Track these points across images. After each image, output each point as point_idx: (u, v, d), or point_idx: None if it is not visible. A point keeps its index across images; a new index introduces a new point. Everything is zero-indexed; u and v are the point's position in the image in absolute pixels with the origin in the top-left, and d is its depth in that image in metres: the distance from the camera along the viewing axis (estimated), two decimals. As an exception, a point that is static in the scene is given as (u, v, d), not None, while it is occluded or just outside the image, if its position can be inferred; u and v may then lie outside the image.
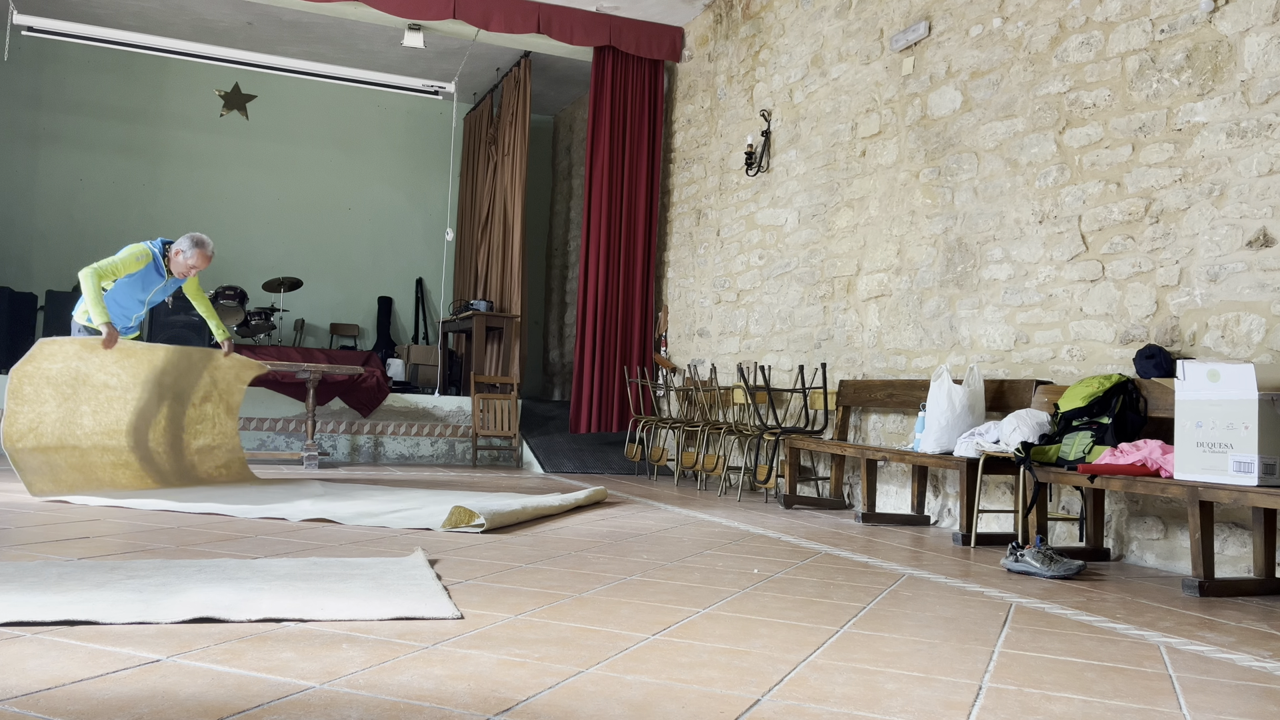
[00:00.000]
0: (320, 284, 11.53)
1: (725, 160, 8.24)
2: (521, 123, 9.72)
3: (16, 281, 10.18)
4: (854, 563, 3.94)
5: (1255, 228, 3.94)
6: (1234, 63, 4.08)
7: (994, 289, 5.27)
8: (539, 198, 12.50)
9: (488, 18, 8.37)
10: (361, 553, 3.64)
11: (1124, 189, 4.55)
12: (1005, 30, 5.33)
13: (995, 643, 2.62)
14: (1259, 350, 3.89)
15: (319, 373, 7.60)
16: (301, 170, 11.65)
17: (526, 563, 3.57)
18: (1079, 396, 4.24)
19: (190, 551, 3.52)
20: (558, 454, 8.61)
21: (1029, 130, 5.11)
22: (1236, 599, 3.45)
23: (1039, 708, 2.04)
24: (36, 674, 1.97)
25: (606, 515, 5.24)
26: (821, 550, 4.26)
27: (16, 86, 10.53)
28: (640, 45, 8.93)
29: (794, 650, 2.43)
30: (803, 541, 4.52)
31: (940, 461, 4.78)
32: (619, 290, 8.95)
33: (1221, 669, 2.46)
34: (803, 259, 7.01)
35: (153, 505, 4.70)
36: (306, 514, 4.54)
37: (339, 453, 8.50)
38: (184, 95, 11.22)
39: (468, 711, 1.84)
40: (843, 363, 6.48)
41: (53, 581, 2.80)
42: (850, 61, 6.65)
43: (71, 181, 10.75)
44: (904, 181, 6.03)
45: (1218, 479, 3.52)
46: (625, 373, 8.83)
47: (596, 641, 2.42)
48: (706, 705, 1.95)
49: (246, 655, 2.16)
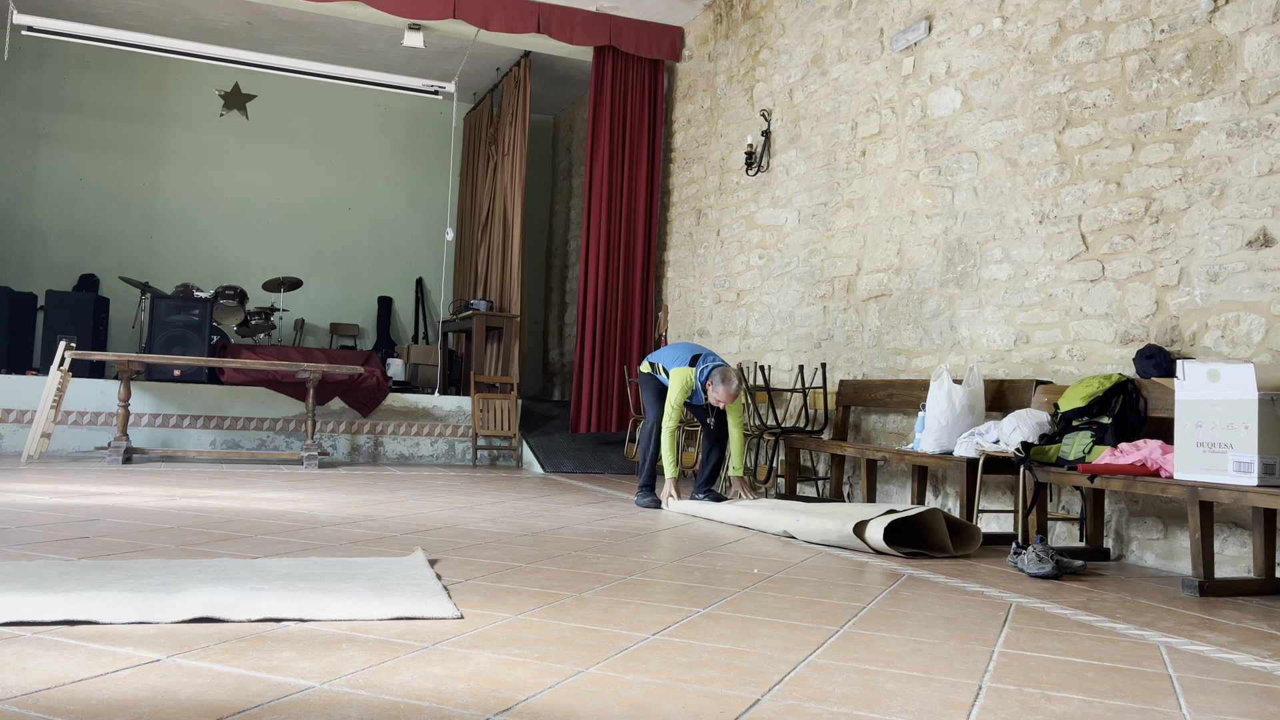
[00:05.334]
0: (320, 284, 11.53)
1: (725, 160, 8.24)
2: (521, 123, 9.72)
3: (16, 281, 10.18)
4: (854, 562, 3.94)
5: (1255, 228, 3.94)
6: (1234, 63, 4.08)
7: (994, 289, 5.27)
8: (539, 198, 12.49)
9: (488, 18, 8.37)
10: (361, 553, 3.64)
11: (1124, 189, 4.55)
12: (1005, 30, 5.33)
13: (995, 643, 2.62)
14: (1259, 350, 3.89)
15: (319, 373, 7.60)
16: (301, 170, 11.64)
17: (526, 563, 3.57)
18: (1079, 396, 4.24)
19: (190, 551, 3.52)
20: (558, 454, 8.61)
21: (1029, 130, 5.11)
22: (1236, 599, 3.45)
23: (1039, 708, 2.04)
24: (36, 674, 1.97)
25: (606, 515, 5.24)
26: (821, 550, 4.26)
27: (16, 86, 10.53)
28: (640, 45, 8.92)
29: (794, 650, 2.43)
30: (802, 541, 4.52)
31: (940, 461, 4.78)
32: (619, 290, 8.95)
33: (1221, 669, 2.46)
34: (803, 259, 7.01)
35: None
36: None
37: (339, 452, 8.50)
38: (184, 95, 11.22)
39: (468, 711, 1.84)
40: (843, 363, 6.48)
41: (53, 581, 2.80)
42: (850, 61, 6.65)
43: (71, 181, 10.75)
44: (904, 181, 6.02)
45: (1218, 479, 3.52)
46: (625, 373, 8.83)
47: (596, 641, 2.42)
48: (706, 705, 1.95)
49: (246, 655, 2.16)
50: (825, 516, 4.56)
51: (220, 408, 8.17)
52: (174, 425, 8.04)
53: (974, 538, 4.32)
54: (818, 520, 4.50)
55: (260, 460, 7.86)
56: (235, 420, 8.21)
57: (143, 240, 10.99)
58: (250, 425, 8.24)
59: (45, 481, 5.71)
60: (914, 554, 4.18)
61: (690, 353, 5.74)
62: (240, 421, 8.22)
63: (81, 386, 7.81)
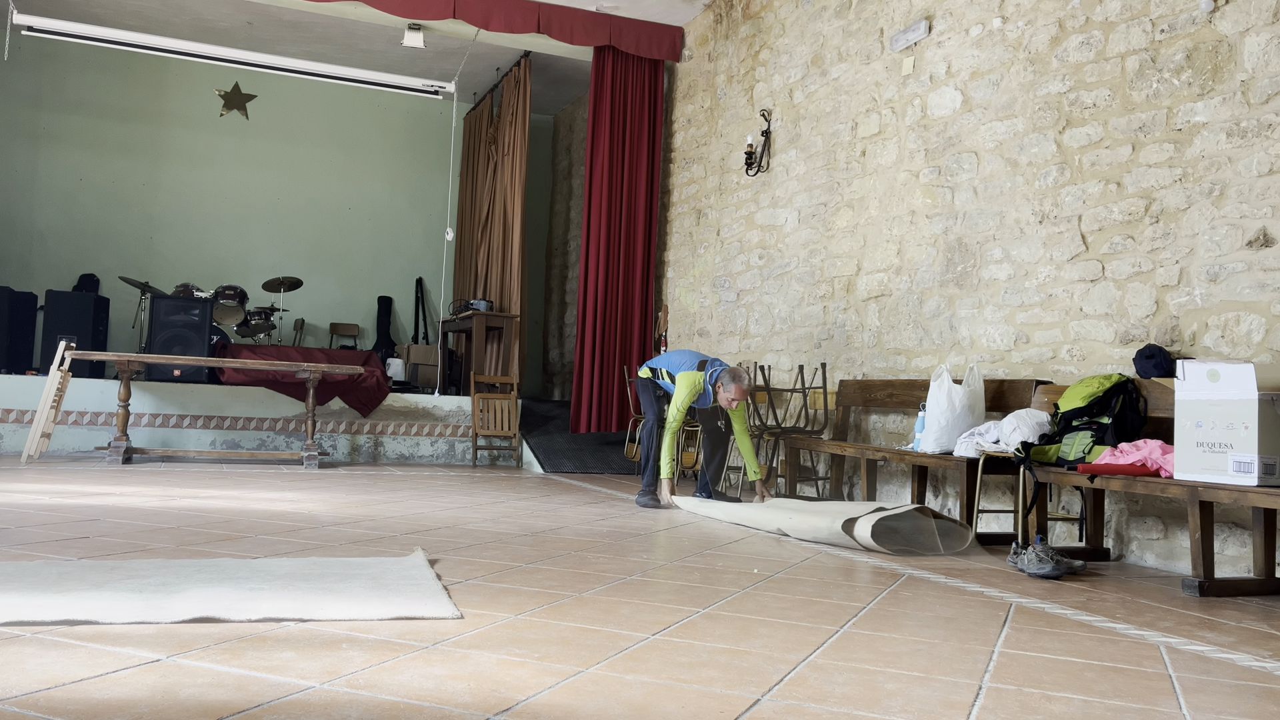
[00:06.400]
0: (320, 284, 11.53)
1: (725, 160, 8.24)
2: (521, 122, 9.72)
3: (16, 281, 10.17)
4: (853, 562, 3.93)
5: (1255, 228, 3.94)
6: (1234, 63, 4.08)
7: (994, 289, 5.27)
8: (539, 198, 12.49)
9: (488, 17, 8.37)
10: (361, 553, 3.64)
11: (1124, 189, 4.55)
12: (1005, 30, 5.33)
13: (995, 642, 2.62)
14: (1259, 350, 3.89)
15: (319, 373, 7.59)
16: (301, 170, 11.64)
17: (526, 563, 3.57)
18: (1079, 396, 4.24)
19: (190, 551, 3.52)
20: (558, 454, 8.61)
21: (1029, 130, 5.11)
22: (1236, 599, 3.45)
23: (1039, 708, 2.04)
24: (36, 674, 1.97)
25: (606, 515, 5.24)
26: (820, 549, 4.26)
27: (16, 86, 10.53)
28: (640, 45, 8.92)
29: (794, 650, 2.43)
30: (802, 541, 4.52)
31: (940, 461, 4.78)
32: (619, 290, 8.95)
33: (1221, 669, 2.46)
34: (803, 259, 7.01)
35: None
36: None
37: (339, 452, 8.50)
38: (184, 95, 11.22)
39: (468, 711, 1.84)
40: (843, 363, 6.48)
41: (53, 581, 2.80)
42: (850, 61, 6.65)
43: (71, 181, 10.75)
44: (904, 181, 6.02)
45: (1218, 479, 3.52)
46: (625, 373, 8.83)
47: (596, 641, 2.42)
48: (706, 705, 1.95)
49: (246, 655, 2.16)
50: (817, 514, 4.59)
51: (220, 408, 8.17)
52: (174, 425, 8.04)
53: (963, 536, 4.34)
54: (810, 518, 4.53)
55: (260, 460, 7.86)
56: (235, 420, 8.21)
57: (143, 240, 10.99)
58: (250, 425, 8.24)
59: (45, 481, 5.71)
60: (903, 551, 4.21)
61: (696, 358, 5.79)
62: (240, 421, 8.22)
63: (81, 386, 7.81)
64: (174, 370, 8.24)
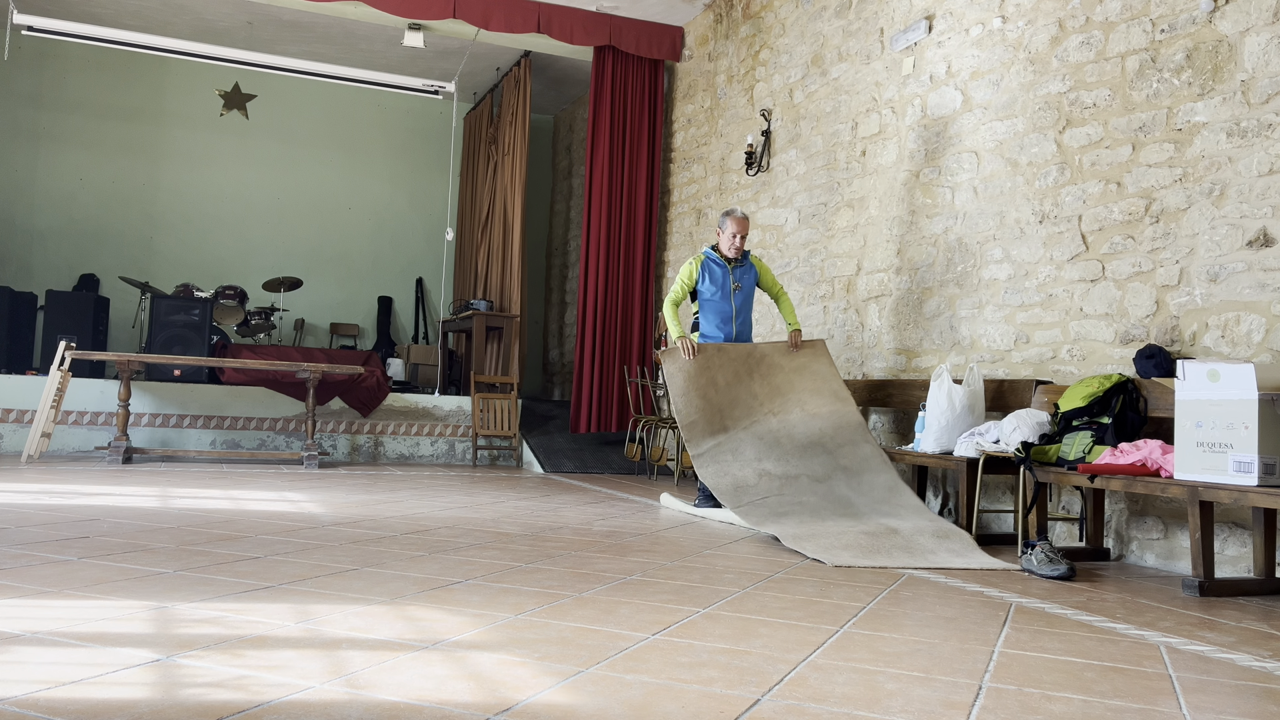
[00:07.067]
0: (320, 284, 11.53)
1: (725, 160, 8.24)
2: (521, 122, 9.72)
3: (16, 281, 10.17)
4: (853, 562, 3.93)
5: (1255, 228, 3.94)
6: (1234, 63, 4.08)
7: (994, 289, 5.27)
8: (539, 197, 12.49)
9: (488, 17, 8.37)
10: (362, 552, 3.64)
11: (1124, 189, 4.55)
12: (1005, 30, 5.33)
13: (995, 643, 2.62)
14: (1259, 350, 3.89)
15: (319, 372, 7.59)
16: (301, 170, 11.64)
17: (526, 563, 3.57)
18: (1079, 396, 4.24)
19: (190, 551, 3.52)
20: (558, 454, 8.61)
21: (1029, 130, 5.11)
22: (1236, 599, 3.45)
23: (1039, 708, 2.04)
24: (36, 674, 1.97)
25: (606, 515, 5.24)
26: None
27: (16, 86, 10.53)
28: (640, 45, 8.92)
29: (794, 650, 2.43)
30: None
31: (940, 461, 4.78)
32: (619, 290, 8.94)
33: (1221, 669, 2.46)
34: (803, 259, 7.01)
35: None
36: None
37: (339, 452, 8.50)
38: (184, 95, 11.22)
39: (468, 711, 1.84)
40: (842, 362, 6.48)
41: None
42: (850, 61, 6.65)
43: (71, 181, 10.75)
44: (904, 181, 6.02)
45: (1218, 479, 3.52)
46: (625, 372, 8.83)
47: (596, 641, 2.42)
48: (706, 705, 1.95)
49: (246, 655, 2.16)
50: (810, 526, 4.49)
51: (220, 408, 8.17)
52: (174, 425, 8.04)
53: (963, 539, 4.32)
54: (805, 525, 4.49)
55: (260, 460, 7.86)
56: (235, 420, 8.21)
57: (143, 240, 10.99)
58: (250, 425, 8.24)
59: (45, 481, 5.71)
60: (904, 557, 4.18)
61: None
62: (240, 421, 8.22)
63: (81, 386, 7.81)
64: (174, 370, 8.24)
